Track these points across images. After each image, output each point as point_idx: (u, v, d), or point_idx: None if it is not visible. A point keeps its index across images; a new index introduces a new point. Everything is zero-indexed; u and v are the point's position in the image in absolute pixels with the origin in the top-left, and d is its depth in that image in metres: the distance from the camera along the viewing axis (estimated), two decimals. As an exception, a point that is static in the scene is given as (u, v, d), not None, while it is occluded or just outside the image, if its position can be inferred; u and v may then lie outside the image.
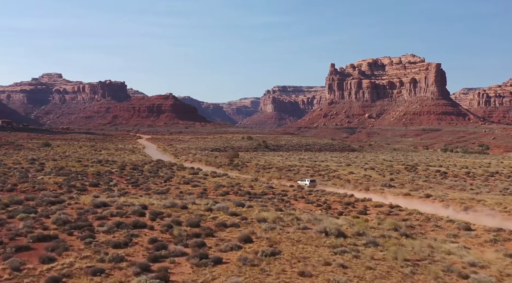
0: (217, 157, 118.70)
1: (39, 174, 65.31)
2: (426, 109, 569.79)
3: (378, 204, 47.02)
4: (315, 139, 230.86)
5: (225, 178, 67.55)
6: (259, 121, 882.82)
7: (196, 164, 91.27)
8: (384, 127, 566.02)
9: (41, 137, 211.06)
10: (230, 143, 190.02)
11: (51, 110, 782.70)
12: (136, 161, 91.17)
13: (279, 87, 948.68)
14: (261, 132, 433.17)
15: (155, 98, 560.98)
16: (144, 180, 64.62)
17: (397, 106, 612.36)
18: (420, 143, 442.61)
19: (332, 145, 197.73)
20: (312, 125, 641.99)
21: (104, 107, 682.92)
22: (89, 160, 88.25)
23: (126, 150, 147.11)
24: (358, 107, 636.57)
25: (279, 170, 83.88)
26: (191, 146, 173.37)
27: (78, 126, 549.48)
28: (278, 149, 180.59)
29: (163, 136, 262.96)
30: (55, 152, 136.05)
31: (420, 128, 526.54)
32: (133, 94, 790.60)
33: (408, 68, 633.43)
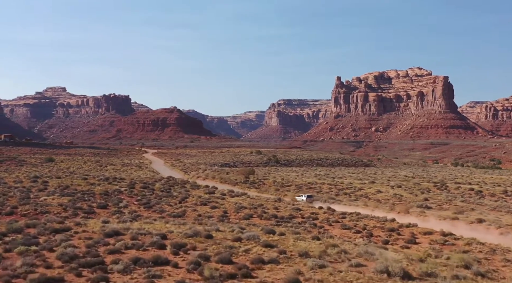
0: (229, 173, 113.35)
1: (41, 194, 59.99)
2: (433, 123, 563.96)
3: (427, 231, 41.35)
4: (325, 154, 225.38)
5: (244, 197, 62.09)
6: (264, 135, 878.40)
7: (210, 181, 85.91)
8: (391, 141, 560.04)
9: (44, 152, 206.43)
10: (239, 158, 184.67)
11: (55, 124, 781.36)
12: (146, 178, 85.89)
13: (284, 101, 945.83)
14: (268, 146, 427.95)
15: (159, 112, 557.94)
16: (156, 201, 59.21)
17: (404, 120, 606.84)
18: (429, 157, 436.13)
19: (344, 159, 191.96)
20: (318, 139, 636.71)
21: (108, 121, 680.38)
22: (96, 177, 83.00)
23: (132, 165, 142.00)
24: (364, 120, 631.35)
25: (299, 188, 78.36)
26: (199, 160, 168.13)
27: (82, 141, 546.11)
28: (289, 163, 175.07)
29: (169, 150, 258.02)
30: (58, 167, 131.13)
31: (428, 142, 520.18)
32: (137, 107, 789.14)
33: (415, 81, 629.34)
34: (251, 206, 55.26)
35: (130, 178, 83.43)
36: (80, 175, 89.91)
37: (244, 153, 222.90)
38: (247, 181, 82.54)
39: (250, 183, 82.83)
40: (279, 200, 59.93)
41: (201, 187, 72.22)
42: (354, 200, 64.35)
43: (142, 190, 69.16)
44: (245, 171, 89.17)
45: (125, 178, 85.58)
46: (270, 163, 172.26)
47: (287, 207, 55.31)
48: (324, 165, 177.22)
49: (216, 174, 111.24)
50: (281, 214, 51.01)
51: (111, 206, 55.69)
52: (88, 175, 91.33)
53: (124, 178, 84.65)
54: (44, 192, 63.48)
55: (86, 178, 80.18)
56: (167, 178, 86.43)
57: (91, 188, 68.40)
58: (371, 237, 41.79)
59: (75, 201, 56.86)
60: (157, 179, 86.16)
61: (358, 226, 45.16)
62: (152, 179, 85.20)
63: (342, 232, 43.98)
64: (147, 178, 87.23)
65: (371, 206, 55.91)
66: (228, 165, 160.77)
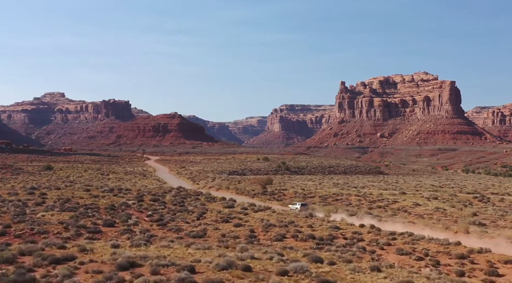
0: (241, 181, 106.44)
1: (39, 209, 53.05)
2: (440, 128, 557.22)
3: (507, 259, 34.36)
4: (336, 160, 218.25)
5: (269, 212, 55.23)
6: (266, 140, 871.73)
7: (224, 192, 79.00)
8: (397, 147, 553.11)
9: (42, 160, 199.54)
10: (247, 165, 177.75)
11: (53, 130, 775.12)
12: (153, 188, 79.05)
13: (287, 106, 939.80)
14: (272, 152, 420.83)
15: (160, 118, 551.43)
16: (170, 216, 52.30)
17: (410, 125, 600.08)
18: (437, 163, 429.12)
19: (357, 166, 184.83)
20: (322, 144, 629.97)
21: (108, 127, 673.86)
22: (99, 188, 76.16)
23: (136, 174, 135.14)
24: (369, 126, 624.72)
25: (323, 199, 71.41)
26: (206, 168, 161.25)
27: (81, 147, 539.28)
28: (300, 171, 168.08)
29: (171, 157, 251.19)
30: (57, 176, 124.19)
31: (435, 148, 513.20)
32: (137, 113, 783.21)
33: (421, 86, 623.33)
34: (280, 223, 48.40)
35: (137, 189, 76.62)
36: (82, 185, 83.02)
37: (250, 159, 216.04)
38: (265, 192, 75.57)
39: (269, 194, 75.82)
40: (310, 215, 52.98)
41: (217, 200, 65.32)
42: (392, 215, 57.34)
43: (152, 203, 62.29)
44: (262, 180, 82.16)
45: (131, 188, 78.71)
46: (280, 170, 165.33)
47: (322, 225, 48.38)
48: (335, 172, 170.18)
49: (228, 183, 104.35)
50: (319, 234, 44.11)
51: (119, 223, 48.88)
52: (90, 185, 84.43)
53: (130, 188, 77.78)
54: (42, 206, 56.64)
55: (88, 189, 73.32)
56: (177, 189, 79.54)
57: (95, 201, 61.57)
58: (439, 265, 34.84)
59: (77, 218, 49.97)
60: (166, 189, 79.31)
61: (417, 250, 38.19)
62: (160, 189, 78.31)
63: (399, 258, 37.05)
64: (155, 188, 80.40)
65: (419, 223, 48.86)
66: (236, 172, 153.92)
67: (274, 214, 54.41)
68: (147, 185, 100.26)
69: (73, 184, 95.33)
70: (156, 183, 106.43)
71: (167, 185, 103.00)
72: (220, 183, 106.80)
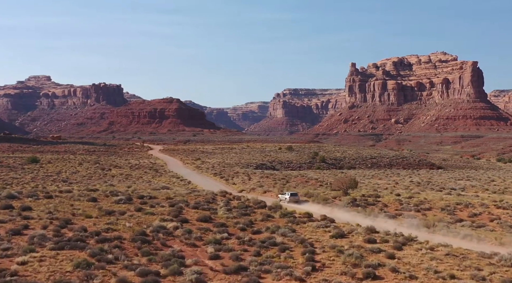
0: (288, 180, 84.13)
1: (17, 249, 30.23)
2: (461, 113, 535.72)
3: None
4: (375, 151, 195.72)
5: (442, 249, 32.84)
6: (269, 127, 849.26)
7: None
8: (415, 134, 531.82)
9: (26, 150, 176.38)
10: (272, 156, 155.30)
11: (38, 116, 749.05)
12: (185, 194, 56.71)
13: (290, 90, 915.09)
14: (282, 141, 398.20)
15: (157, 102, 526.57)
16: (253, 259, 29.77)
17: (427, 110, 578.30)
18: (463, 151, 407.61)
19: (404, 157, 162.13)
20: (331, 131, 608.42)
21: (99, 112, 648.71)
22: (109, 194, 53.74)
23: (145, 168, 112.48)
24: (383, 111, 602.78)
25: (449, 213, 49.25)
26: (226, 160, 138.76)
27: (70, 135, 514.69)
28: (337, 163, 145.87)
29: (176, 146, 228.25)
30: (45, 172, 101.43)
31: (457, 134, 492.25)
32: (129, 98, 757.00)
33: (439, 67, 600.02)
34: (459, 268, 26.45)
35: (164, 196, 54.32)
36: (82, 190, 60.38)
37: (271, 149, 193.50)
38: (355, 201, 53.27)
39: (363, 202, 53.46)
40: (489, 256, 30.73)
41: (303, 217, 43.18)
42: None
43: (204, 226, 39.96)
44: (344, 181, 59.88)
45: (154, 194, 56.29)
46: (314, 162, 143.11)
47: None
48: (380, 164, 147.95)
49: (273, 182, 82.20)
50: None
51: (169, 277, 26.91)
52: (94, 188, 61.87)
53: (153, 195, 55.29)
54: (23, 235, 34.23)
55: (94, 197, 50.88)
56: (221, 195, 57.24)
57: (111, 222, 39.06)
58: None
59: (88, 268, 27.75)
60: (203, 194, 57.10)
61: None
62: (196, 196, 56.10)
63: None
64: (187, 194, 58.05)
65: None
66: (264, 166, 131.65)
67: (429, 249, 32.16)
68: (169, 185, 77.80)
69: (69, 186, 72.88)
70: (178, 183, 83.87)
71: (194, 185, 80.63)
72: (262, 182, 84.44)
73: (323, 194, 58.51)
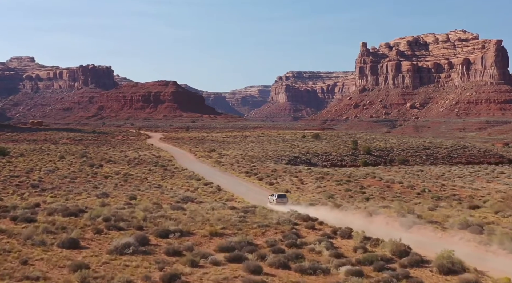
0: (364, 187, 59.89)
1: None
2: (484, 97, 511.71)
3: None
4: (421, 139, 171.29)
5: None
6: (270, 113, 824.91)
7: (382, 222, 33.37)
8: (433, 120, 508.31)
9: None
10: (300, 146, 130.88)
11: (21, 101, 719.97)
12: (239, 221, 32.36)
13: (293, 73, 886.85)
14: (292, 127, 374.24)
15: (151, 85, 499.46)
16: None
17: (446, 94, 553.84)
18: (491, 138, 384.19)
19: (465, 147, 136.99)
20: (340, 117, 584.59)
21: (87, 96, 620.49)
22: (102, 226, 29.19)
23: (147, 163, 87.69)
24: (397, 95, 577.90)
25: None
26: (248, 152, 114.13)
27: (55, 121, 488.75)
28: (385, 156, 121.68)
29: (178, 134, 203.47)
30: (12, 169, 76.61)
31: (481, 120, 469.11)
32: (120, 82, 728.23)
33: (459, 47, 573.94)
34: None
35: (205, 227, 30.10)
36: (53, 218, 35.49)
37: (291, 137, 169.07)
38: None
39: None
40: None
41: None
42: None
43: None
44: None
45: (188, 226, 31.75)
46: (357, 154, 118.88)
47: None
48: (437, 157, 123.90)
49: (352, 191, 57.83)
50: None
51: None
52: (77, 210, 37.13)
53: (187, 229, 30.66)
54: None
55: (74, 241, 26.59)
56: (307, 225, 32.89)
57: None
58: None
59: None
60: (271, 222, 32.88)
61: None
62: (251, 220, 32.03)
63: None
64: (239, 220, 33.63)
65: None
66: (299, 159, 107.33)
67: None
68: (193, 195, 53.35)
69: (40, 194, 48.32)
70: (203, 189, 59.08)
71: (229, 193, 56.20)
72: (325, 189, 59.93)
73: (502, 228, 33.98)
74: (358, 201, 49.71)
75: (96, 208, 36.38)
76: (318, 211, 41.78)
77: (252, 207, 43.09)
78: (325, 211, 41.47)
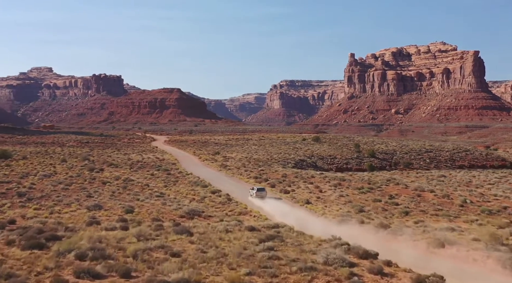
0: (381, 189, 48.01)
1: None
2: (463, 103, 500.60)
3: None
4: (421, 142, 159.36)
5: None
6: (266, 118, 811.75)
7: None
8: (417, 124, 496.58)
9: (8, 141, 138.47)
10: (303, 149, 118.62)
11: (40, 107, 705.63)
12: (266, 258, 20.16)
13: (287, 82, 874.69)
14: (289, 131, 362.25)
15: (157, 92, 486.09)
16: None
17: (427, 100, 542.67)
18: (471, 142, 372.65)
19: (467, 151, 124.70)
20: (330, 122, 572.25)
21: (99, 103, 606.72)
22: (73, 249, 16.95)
23: (150, 167, 75.34)
24: (382, 101, 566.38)
25: None
26: (252, 155, 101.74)
27: (70, 125, 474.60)
28: (389, 158, 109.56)
29: (182, 137, 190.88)
30: (6, 174, 64.09)
31: (461, 124, 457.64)
32: (129, 89, 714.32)
33: (439, 57, 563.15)
34: None
35: (215, 252, 18.03)
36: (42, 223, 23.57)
37: (292, 140, 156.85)
38: None
39: None
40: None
41: None
42: None
43: None
44: None
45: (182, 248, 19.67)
46: (362, 157, 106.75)
47: None
48: (440, 159, 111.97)
49: (382, 201, 45.68)
50: None
51: None
52: (64, 227, 24.93)
53: (197, 279, 18.57)
54: None
55: (44, 269, 14.69)
56: (367, 269, 20.99)
57: None
58: None
59: None
60: (321, 262, 20.90)
61: None
62: (285, 260, 19.97)
63: None
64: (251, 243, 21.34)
65: None
66: (305, 162, 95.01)
67: None
68: (199, 206, 41.12)
69: (23, 205, 36.18)
70: (211, 199, 46.75)
71: (240, 204, 44.04)
72: (348, 199, 47.67)
73: None
74: (396, 216, 37.84)
75: (71, 238, 23.96)
76: (357, 232, 29.58)
77: (275, 227, 30.80)
78: (368, 233, 29.28)
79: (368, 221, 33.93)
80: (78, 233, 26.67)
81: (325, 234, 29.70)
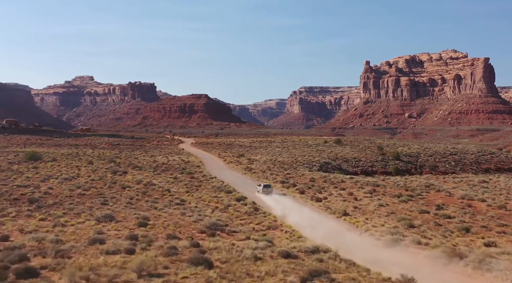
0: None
1: None
2: (474, 108, 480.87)
3: None
4: (443, 144, 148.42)
5: None
6: (286, 122, 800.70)
7: None
8: (430, 127, 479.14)
9: (45, 143, 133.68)
10: (326, 151, 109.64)
11: (82, 112, 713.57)
12: None
13: (306, 88, 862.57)
14: (308, 134, 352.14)
15: (187, 98, 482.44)
16: None
17: (439, 105, 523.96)
18: (483, 144, 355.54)
19: (493, 153, 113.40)
20: (347, 125, 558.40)
21: (134, 108, 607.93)
22: None
23: (173, 170, 67.96)
24: (396, 106, 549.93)
25: None
26: (277, 157, 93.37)
27: (107, 128, 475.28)
28: (414, 161, 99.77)
29: (208, 139, 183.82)
30: (29, 177, 57.36)
31: (473, 128, 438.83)
32: (161, 96, 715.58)
33: (450, 64, 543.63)
34: None
35: None
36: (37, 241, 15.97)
37: (313, 142, 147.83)
38: None
39: None
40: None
41: None
42: None
43: None
44: None
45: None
46: (386, 160, 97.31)
47: None
48: (465, 162, 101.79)
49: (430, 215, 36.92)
50: None
51: None
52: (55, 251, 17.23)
53: None
54: None
55: None
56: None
57: None
58: None
59: None
60: None
61: None
62: None
63: None
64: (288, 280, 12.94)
65: None
66: (330, 165, 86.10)
67: None
68: (221, 218, 33.08)
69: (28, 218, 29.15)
70: (236, 208, 38.68)
71: (270, 216, 35.91)
72: (395, 211, 38.89)
73: None
74: (456, 234, 29.13)
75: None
76: (420, 261, 20.93)
77: (315, 251, 22.41)
78: (437, 264, 20.57)
79: (425, 241, 25.41)
80: (63, 264, 18.84)
81: (377, 260, 21.26)
